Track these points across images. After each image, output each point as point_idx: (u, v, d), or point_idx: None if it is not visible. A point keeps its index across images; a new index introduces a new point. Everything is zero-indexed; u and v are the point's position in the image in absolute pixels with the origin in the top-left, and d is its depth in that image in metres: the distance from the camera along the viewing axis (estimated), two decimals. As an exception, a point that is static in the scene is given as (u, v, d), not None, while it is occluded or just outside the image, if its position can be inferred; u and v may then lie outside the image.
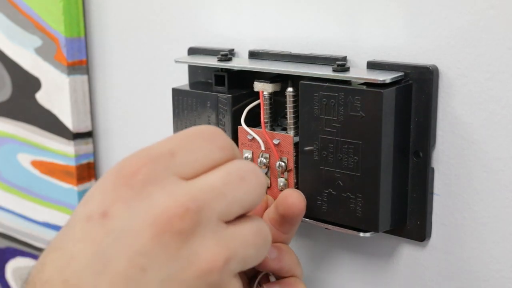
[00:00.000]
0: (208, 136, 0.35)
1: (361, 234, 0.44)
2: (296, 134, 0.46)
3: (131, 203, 0.32)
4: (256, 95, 0.48)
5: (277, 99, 0.48)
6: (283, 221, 0.43)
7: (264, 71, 0.47)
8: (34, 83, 0.71)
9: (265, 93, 0.47)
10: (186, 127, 0.51)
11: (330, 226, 0.45)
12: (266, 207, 0.45)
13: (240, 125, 0.48)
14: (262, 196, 0.35)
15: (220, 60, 0.50)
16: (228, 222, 0.34)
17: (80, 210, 0.33)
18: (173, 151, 0.34)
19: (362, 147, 0.42)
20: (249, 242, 0.34)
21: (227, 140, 0.35)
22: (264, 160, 0.47)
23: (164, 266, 0.31)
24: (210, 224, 0.32)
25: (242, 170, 0.34)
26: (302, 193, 0.44)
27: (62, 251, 0.32)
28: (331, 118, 0.43)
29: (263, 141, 0.47)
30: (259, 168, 0.35)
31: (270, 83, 0.47)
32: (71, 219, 0.33)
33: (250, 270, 0.45)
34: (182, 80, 0.55)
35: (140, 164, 0.33)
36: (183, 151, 0.34)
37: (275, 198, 0.47)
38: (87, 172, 0.69)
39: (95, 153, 0.70)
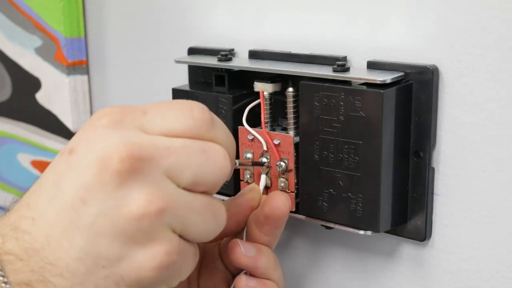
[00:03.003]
0: (186, 106, 0.37)
1: (361, 232, 0.44)
2: (296, 134, 0.46)
3: (91, 142, 0.34)
4: (256, 95, 0.48)
5: (277, 99, 0.48)
6: (266, 222, 0.43)
7: (264, 71, 0.47)
8: (34, 83, 0.71)
9: (265, 93, 0.47)
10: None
11: (330, 224, 0.45)
12: (256, 207, 0.45)
13: (241, 125, 0.48)
14: (220, 177, 0.36)
15: (220, 60, 0.50)
16: (182, 186, 0.35)
17: (65, 145, 0.36)
18: (146, 110, 0.36)
19: (363, 147, 0.42)
20: (195, 209, 0.35)
21: (205, 114, 0.37)
22: (265, 160, 0.47)
23: (101, 202, 0.33)
24: (152, 175, 0.34)
25: (208, 146, 0.36)
26: (289, 198, 0.44)
27: (39, 180, 0.36)
28: (331, 118, 0.43)
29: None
30: (227, 155, 0.37)
31: (270, 83, 0.47)
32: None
33: (234, 268, 0.46)
34: (182, 80, 0.55)
35: (109, 111, 0.35)
36: (156, 112, 0.36)
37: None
38: (87, 172, 0.69)
39: (95, 153, 0.70)
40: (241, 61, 0.50)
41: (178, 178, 0.35)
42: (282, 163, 0.46)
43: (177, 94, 0.52)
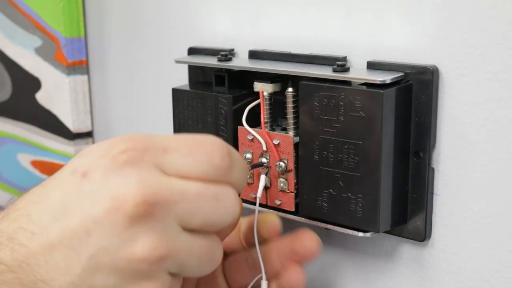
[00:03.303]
0: (207, 148, 0.36)
1: (361, 234, 0.44)
2: (296, 134, 0.46)
3: (108, 175, 0.34)
4: (256, 95, 0.48)
5: (277, 99, 0.48)
6: (291, 255, 0.43)
7: (264, 71, 0.47)
8: (34, 83, 0.71)
9: (265, 93, 0.47)
10: (186, 128, 0.51)
11: (330, 226, 0.45)
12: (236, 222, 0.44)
13: (241, 125, 0.48)
14: (228, 221, 0.37)
15: (220, 60, 0.50)
16: (187, 229, 0.35)
17: (75, 160, 0.36)
18: (167, 148, 0.36)
19: (362, 147, 0.42)
20: (195, 254, 0.36)
21: (225, 160, 0.36)
22: (265, 160, 0.47)
23: (106, 238, 0.33)
24: (163, 221, 0.34)
25: (221, 191, 0.36)
26: (318, 237, 0.43)
27: (43, 188, 0.36)
28: (331, 118, 0.43)
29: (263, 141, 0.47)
30: (240, 200, 0.37)
31: (270, 83, 0.47)
32: (68, 163, 0.36)
33: (237, 286, 0.45)
34: (182, 80, 0.55)
35: (131, 147, 0.35)
36: (176, 152, 0.36)
37: (275, 197, 0.47)
38: (87, 172, 0.69)
39: (95, 153, 0.70)
40: (241, 61, 0.50)
41: (186, 223, 0.35)
42: (281, 163, 0.46)
43: (177, 94, 0.52)
